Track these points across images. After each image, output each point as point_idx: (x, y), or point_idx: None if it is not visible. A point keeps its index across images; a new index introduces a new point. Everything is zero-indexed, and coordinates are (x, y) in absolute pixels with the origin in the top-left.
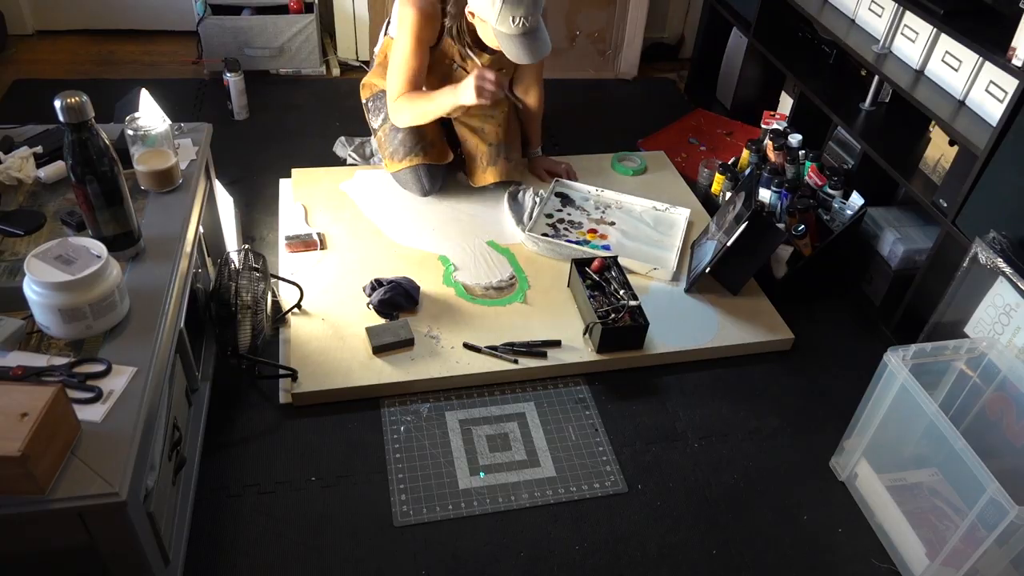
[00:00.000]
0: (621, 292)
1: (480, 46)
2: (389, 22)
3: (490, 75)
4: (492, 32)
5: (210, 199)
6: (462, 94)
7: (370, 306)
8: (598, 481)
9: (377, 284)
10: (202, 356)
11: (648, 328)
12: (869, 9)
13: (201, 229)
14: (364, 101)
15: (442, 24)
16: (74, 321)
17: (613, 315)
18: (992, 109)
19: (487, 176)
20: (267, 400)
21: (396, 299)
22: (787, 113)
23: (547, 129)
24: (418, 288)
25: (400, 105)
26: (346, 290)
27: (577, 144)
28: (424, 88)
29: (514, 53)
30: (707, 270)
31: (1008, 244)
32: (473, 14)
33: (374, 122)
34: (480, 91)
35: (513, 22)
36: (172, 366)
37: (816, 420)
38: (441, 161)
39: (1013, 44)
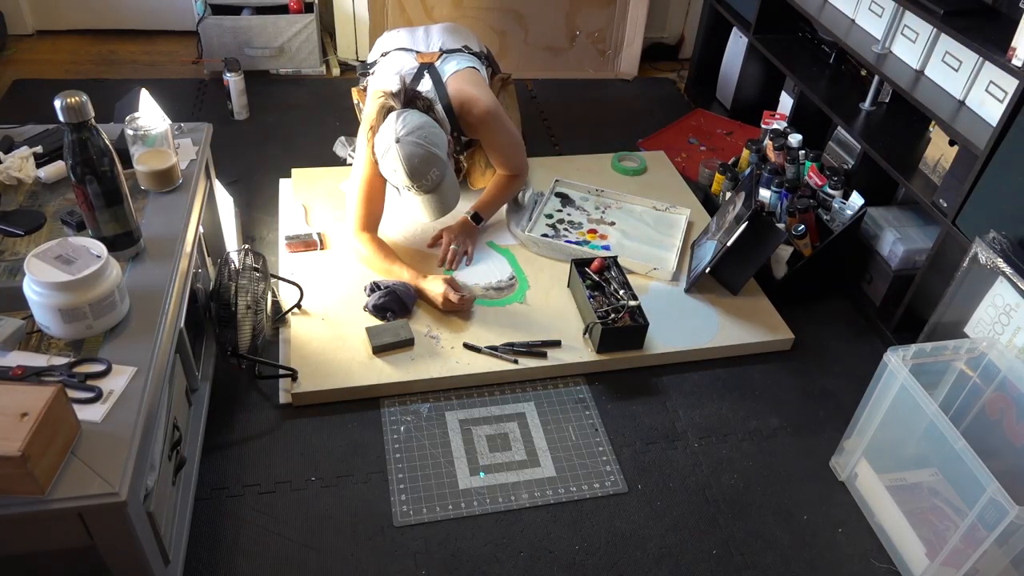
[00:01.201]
0: (621, 292)
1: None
2: (368, 73)
3: (453, 298)
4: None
5: (210, 199)
6: (428, 295)
7: (365, 308)
8: (598, 481)
9: (375, 287)
10: (202, 356)
11: (648, 328)
12: (869, 9)
13: (201, 229)
14: (356, 102)
15: None
16: (74, 321)
17: (613, 315)
18: (992, 109)
19: (485, 179)
20: (267, 400)
21: (389, 305)
22: (787, 113)
23: (547, 129)
24: (414, 297)
25: (360, 247)
26: (346, 290)
27: (577, 144)
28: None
29: (419, 212)
30: (707, 270)
31: (1008, 244)
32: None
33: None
34: (446, 305)
35: (404, 187)
36: (172, 366)
37: (816, 420)
38: None
39: (1013, 44)
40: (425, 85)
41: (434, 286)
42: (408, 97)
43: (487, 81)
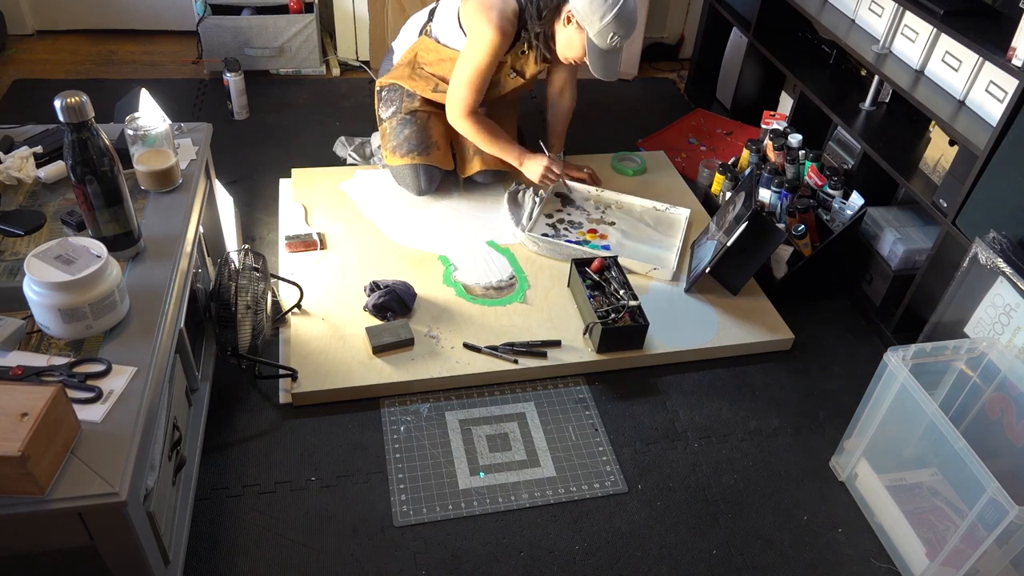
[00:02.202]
0: (621, 292)
1: (545, 57)
2: (430, 21)
3: (556, 170)
4: (580, 43)
5: (210, 199)
6: (528, 170)
7: (365, 308)
8: (598, 481)
9: (375, 287)
10: (202, 356)
11: (648, 328)
12: (869, 9)
13: (201, 229)
14: (377, 89)
15: (514, 39)
16: (74, 321)
17: (613, 315)
18: (992, 109)
19: (474, 165)
20: (267, 400)
21: (390, 304)
22: (787, 113)
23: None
24: (414, 295)
25: (466, 125)
26: (346, 290)
27: (577, 144)
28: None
29: (598, 67)
30: (707, 270)
31: (1008, 244)
32: (570, 19)
33: (383, 112)
34: (544, 179)
35: (610, 39)
36: (172, 366)
37: (816, 420)
38: (442, 165)
39: (1013, 44)
40: None
41: (537, 161)
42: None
43: None
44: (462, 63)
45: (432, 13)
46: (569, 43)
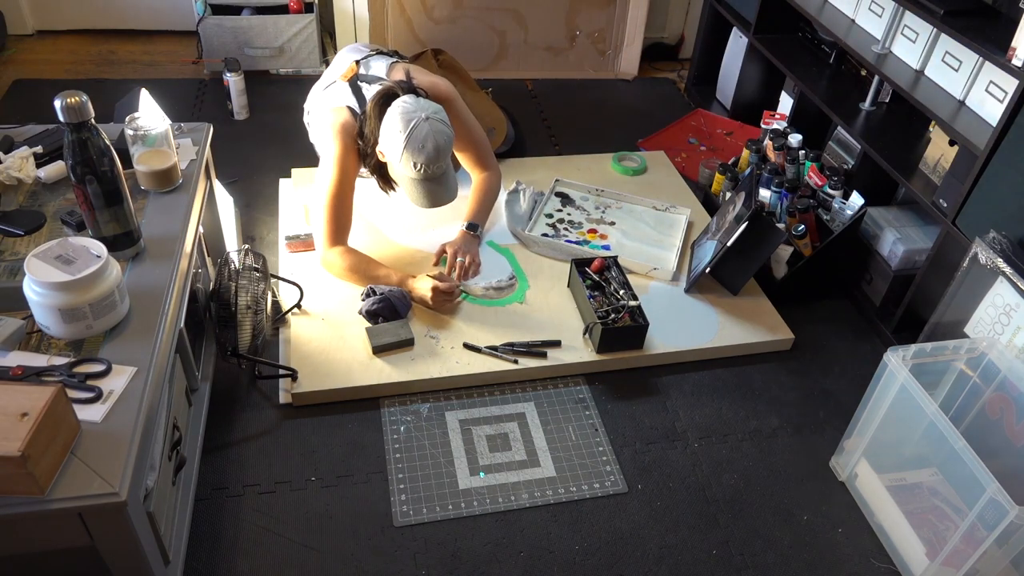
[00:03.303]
0: (621, 292)
1: (389, 182)
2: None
3: (444, 287)
4: (396, 173)
5: (210, 199)
6: (416, 295)
7: (360, 313)
8: (598, 481)
9: (371, 292)
10: (202, 356)
11: (648, 328)
12: (869, 9)
13: (201, 229)
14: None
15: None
16: (74, 321)
17: (613, 315)
18: (992, 109)
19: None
20: (267, 400)
21: (382, 311)
22: (787, 113)
23: (547, 129)
24: (409, 305)
25: (335, 260)
26: (346, 290)
27: (577, 144)
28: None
29: (414, 197)
30: (707, 270)
31: (1008, 244)
32: (383, 153)
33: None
34: (435, 302)
35: (415, 168)
36: (172, 366)
37: (816, 420)
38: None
39: (1013, 44)
40: (369, 92)
41: (422, 284)
42: (390, 94)
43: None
44: (317, 186)
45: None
46: (393, 172)
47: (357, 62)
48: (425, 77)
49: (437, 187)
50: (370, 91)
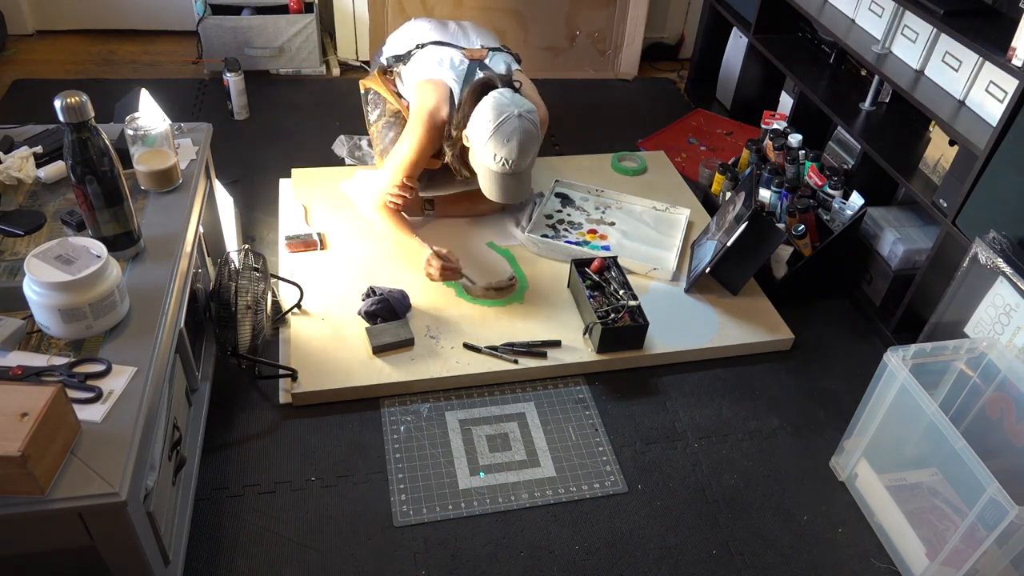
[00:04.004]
0: (621, 292)
1: (468, 167)
2: (402, 63)
3: (436, 264)
4: (476, 159)
5: (210, 199)
6: (423, 262)
7: (359, 313)
8: (598, 481)
9: (371, 292)
10: (202, 356)
11: (648, 328)
12: (869, 9)
13: (201, 229)
14: (363, 92)
15: (443, 139)
16: (74, 321)
17: (613, 315)
18: (992, 109)
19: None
20: (267, 400)
21: (380, 312)
22: (787, 113)
23: (548, 129)
24: (408, 306)
25: (377, 213)
26: (346, 290)
27: (577, 144)
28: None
29: (487, 187)
30: (707, 270)
31: (1008, 244)
32: (467, 138)
33: (371, 115)
34: (428, 275)
35: (495, 159)
36: (172, 366)
37: (816, 420)
38: (428, 165)
39: (1013, 44)
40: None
41: (425, 256)
42: (489, 85)
43: None
44: (394, 151)
45: (409, 55)
46: (472, 159)
47: (489, 49)
48: (533, 94)
49: (513, 183)
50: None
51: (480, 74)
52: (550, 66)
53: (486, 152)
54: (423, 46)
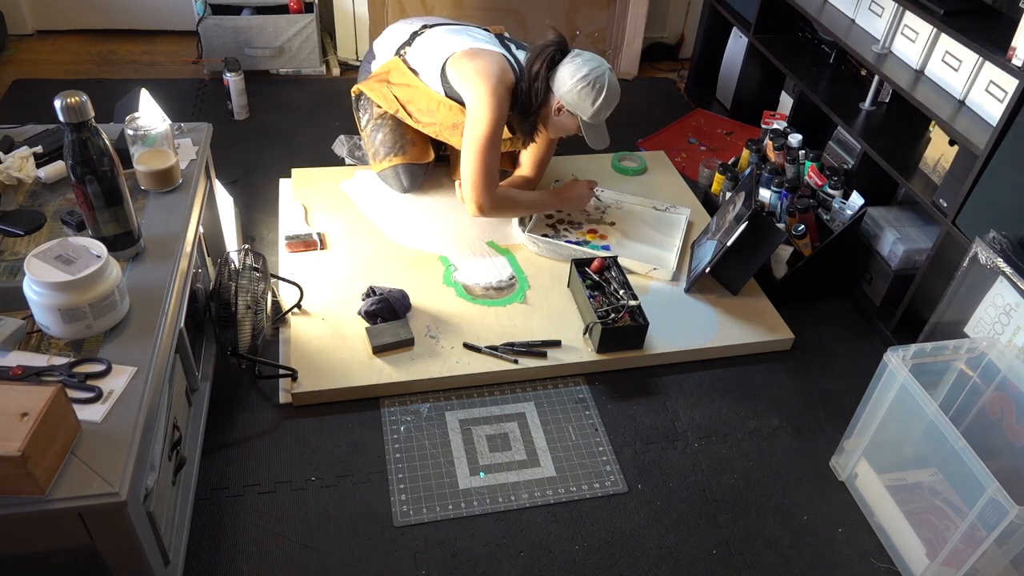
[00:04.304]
0: (621, 292)
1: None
2: (408, 45)
3: (589, 188)
4: (573, 125)
5: (210, 199)
6: (570, 204)
7: (359, 313)
8: (598, 481)
9: (371, 292)
10: (202, 356)
11: (648, 328)
12: (869, 9)
13: (201, 229)
14: (354, 97)
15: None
16: (74, 321)
17: (613, 315)
18: (992, 109)
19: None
20: (267, 400)
21: (380, 312)
22: (787, 113)
23: None
24: (408, 306)
25: (498, 206)
26: (346, 290)
27: (577, 144)
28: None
29: (593, 139)
30: (707, 270)
31: (1008, 244)
32: (561, 109)
33: (361, 120)
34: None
35: (601, 116)
36: (172, 366)
37: (816, 420)
38: (421, 160)
39: (1013, 44)
40: (519, 53)
41: (577, 192)
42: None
43: None
44: (470, 139)
45: (413, 37)
46: (560, 127)
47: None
48: None
49: (602, 130)
50: (519, 53)
51: (511, 46)
52: None
53: (595, 114)
54: (430, 26)
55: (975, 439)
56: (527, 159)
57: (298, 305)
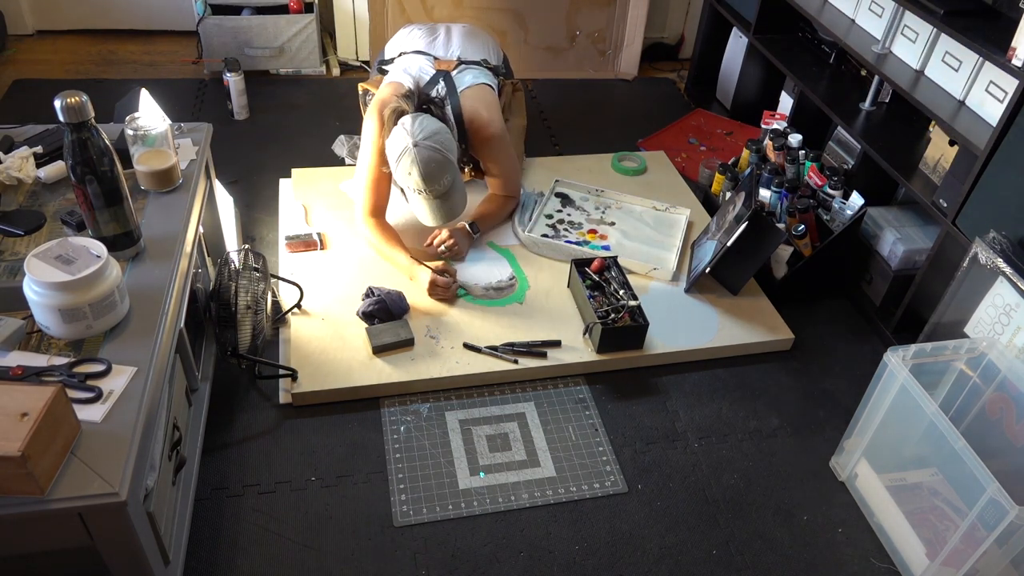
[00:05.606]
0: (621, 292)
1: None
2: (390, 62)
3: (442, 283)
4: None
5: (210, 199)
6: (418, 280)
7: (357, 314)
8: (598, 481)
9: (370, 293)
10: (202, 356)
11: (648, 328)
12: (869, 9)
13: (201, 229)
14: (361, 93)
15: None
16: (74, 321)
17: (613, 315)
18: (992, 109)
19: (464, 175)
20: (267, 400)
21: (377, 313)
22: (787, 113)
23: (547, 129)
24: (406, 308)
25: (367, 231)
26: (346, 290)
27: (577, 144)
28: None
29: (424, 215)
30: (707, 270)
31: (1008, 244)
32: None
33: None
34: (432, 294)
35: (420, 193)
36: (172, 366)
37: (816, 420)
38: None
39: (1013, 44)
40: (439, 92)
41: (423, 274)
42: (421, 100)
43: (498, 99)
44: (358, 164)
45: (391, 62)
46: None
47: (463, 61)
48: (472, 104)
49: (442, 205)
50: (465, 75)
51: (439, 84)
52: (550, 66)
53: (401, 174)
54: (404, 54)
55: (975, 439)
56: (489, 182)
57: (298, 305)
